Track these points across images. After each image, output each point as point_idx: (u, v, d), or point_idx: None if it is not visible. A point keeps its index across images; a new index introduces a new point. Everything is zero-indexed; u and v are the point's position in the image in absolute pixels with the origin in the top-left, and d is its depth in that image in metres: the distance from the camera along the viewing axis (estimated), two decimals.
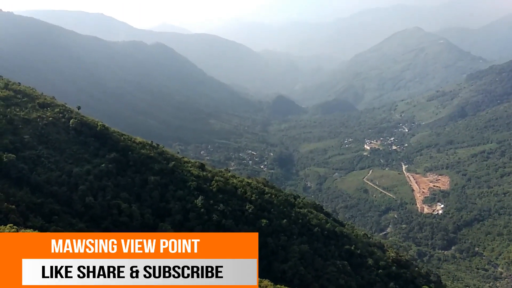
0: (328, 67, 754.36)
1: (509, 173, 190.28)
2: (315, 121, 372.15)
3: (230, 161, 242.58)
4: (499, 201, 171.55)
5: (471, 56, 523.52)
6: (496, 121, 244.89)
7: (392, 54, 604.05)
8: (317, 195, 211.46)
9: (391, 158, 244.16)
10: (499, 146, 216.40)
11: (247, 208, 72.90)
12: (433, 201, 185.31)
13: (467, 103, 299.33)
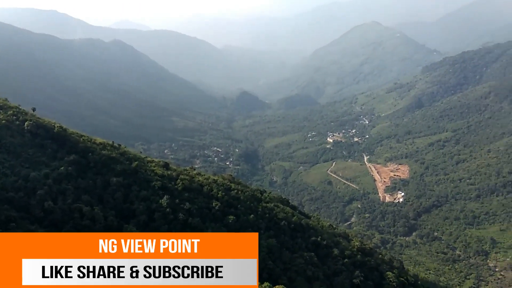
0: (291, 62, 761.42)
1: (464, 160, 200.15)
2: (279, 116, 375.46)
3: (195, 159, 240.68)
4: (455, 187, 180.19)
5: (426, 49, 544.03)
6: (450, 111, 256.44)
7: (352, 48, 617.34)
8: (283, 189, 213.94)
9: (353, 149, 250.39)
10: (454, 134, 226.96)
11: (213, 206, 72.78)
12: (394, 190, 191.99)
13: (423, 94, 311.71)
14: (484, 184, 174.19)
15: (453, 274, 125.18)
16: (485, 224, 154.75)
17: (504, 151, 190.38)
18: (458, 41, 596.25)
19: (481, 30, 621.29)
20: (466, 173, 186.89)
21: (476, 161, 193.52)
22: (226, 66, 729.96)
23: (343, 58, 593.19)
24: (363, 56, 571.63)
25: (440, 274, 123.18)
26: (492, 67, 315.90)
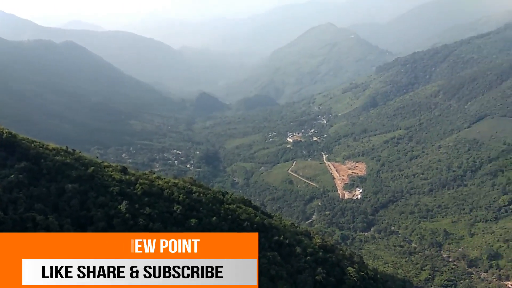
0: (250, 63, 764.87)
1: (417, 156, 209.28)
2: (239, 117, 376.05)
3: (154, 162, 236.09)
4: (410, 182, 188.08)
5: (379, 49, 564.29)
6: (403, 109, 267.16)
7: (309, 49, 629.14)
8: (245, 190, 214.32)
9: (313, 149, 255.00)
10: (407, 132, 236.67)
11: (175, 209, 71.62)
12: (352, 187, 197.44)
13: (378, 94, 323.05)
14: (436, 179, 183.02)
15: (410, 266, 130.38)
16: (438, 216, 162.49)
17: (453, 146, 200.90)
18: (409, 42, 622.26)
19: (430, 32, 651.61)
20: (419, 169, 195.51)
21: (428, 157, 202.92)
22: (184, 67, 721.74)
23: (301, 59, 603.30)
24: (320, 57, 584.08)
25: (397, 267, 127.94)
26: (440, 66, 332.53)
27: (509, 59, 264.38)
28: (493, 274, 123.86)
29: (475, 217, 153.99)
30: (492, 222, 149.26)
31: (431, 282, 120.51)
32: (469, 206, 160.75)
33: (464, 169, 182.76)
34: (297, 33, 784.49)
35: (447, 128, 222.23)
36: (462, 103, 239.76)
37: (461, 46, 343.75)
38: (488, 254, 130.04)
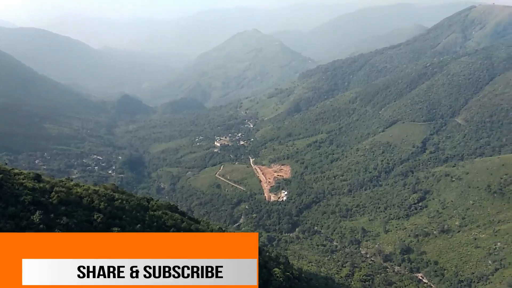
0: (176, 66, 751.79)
1: (337, 158, 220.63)
2: (165, 121, 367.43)
3: (72, 168, 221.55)
4: (331, 184, 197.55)
5: (302, 57, 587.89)
6: (324, 114, 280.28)
7: (235, 54, 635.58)
8: (172, 195, 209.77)
9: (240, 152, 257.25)
10: (328, 136, 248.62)
11: (95, 218, 67.71)
12: (278, 189, 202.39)
13: (301, 99, 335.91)
14: (354, 180, 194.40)
15: (331, 264, 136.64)
16: (357, 215, 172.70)
17: (369, 149, 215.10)
18: (329, 51, 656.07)
19: (348, 42, 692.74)
20: (340, 171, 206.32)
21: (347, 159, 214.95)
22: (105, 68, 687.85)
23: (228, 63, 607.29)
24: (246, 62, 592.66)
25: (320, 265, 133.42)
26: (357, 74, 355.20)
27: (417, 68, 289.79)
28: (406, 267, 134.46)
29: (389, 214, 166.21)
30: (404, 219, 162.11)
31: (351, 278, 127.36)
32: (384, 205, 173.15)
33: (379, 170, 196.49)
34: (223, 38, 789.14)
35: (364, 132, 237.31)
36: (376, 109, 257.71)
37: (376, 56, 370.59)
38: (401, 249, 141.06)
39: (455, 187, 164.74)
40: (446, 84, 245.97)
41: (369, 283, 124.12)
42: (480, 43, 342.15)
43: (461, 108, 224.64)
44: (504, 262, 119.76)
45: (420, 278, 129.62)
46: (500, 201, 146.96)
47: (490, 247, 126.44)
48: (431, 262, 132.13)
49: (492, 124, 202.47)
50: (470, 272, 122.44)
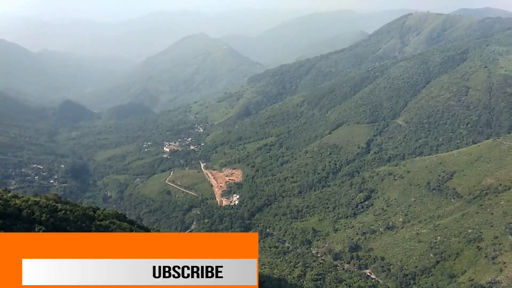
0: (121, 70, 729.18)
1: (287, 161, 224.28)
2: (111, 127, 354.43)
3: (9, 179, 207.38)
4: (282, 186, 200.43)
5: (250, 61, 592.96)
6: (273, 118, 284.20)
7: (183, 58, 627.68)
8: (119, 204, 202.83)
9: (190, 157, 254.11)
10: (278, 139, 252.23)
11: (36, 231, 63.91)
12: (230, 194, 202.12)
13: (250, 103, 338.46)
14: (304, 181, 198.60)
15: (284, 265, 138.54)
16: (307, 216, 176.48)
17: (317, 151, 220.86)
18: (277, 55, 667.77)
19: (294, 46, 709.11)
20: (290, 173, 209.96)
21: (296, 162, 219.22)
22: (44, 72, 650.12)
23: (176, 67, 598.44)
24: (194, 66, 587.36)
25: (273, 267, 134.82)
26: (304, 78, 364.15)
27: (360, 73, 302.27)
28: (354, 264, 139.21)
29: (337, 214, 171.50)
30: (351, 217, 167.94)
31: (303, 278, 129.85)
32: (333, 205, 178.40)
33: (327, 171, 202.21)
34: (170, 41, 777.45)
35: (312, 134, 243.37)
36: (323, 112, 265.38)
37: (321, 61, 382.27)
38: (349, 247, 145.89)
39: (398, 185, 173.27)
40: (387, 88, 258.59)
41: (321, 282, 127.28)
42: (416, 49, 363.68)
43: (401, 110, 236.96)
44: (444, 254, 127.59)
45: (368, 274, 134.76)
46: (439, 197, 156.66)
47: (431, 241, 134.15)
48: (378, 258, 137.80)
49: (430, 125, 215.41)
50: (414, 266, 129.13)
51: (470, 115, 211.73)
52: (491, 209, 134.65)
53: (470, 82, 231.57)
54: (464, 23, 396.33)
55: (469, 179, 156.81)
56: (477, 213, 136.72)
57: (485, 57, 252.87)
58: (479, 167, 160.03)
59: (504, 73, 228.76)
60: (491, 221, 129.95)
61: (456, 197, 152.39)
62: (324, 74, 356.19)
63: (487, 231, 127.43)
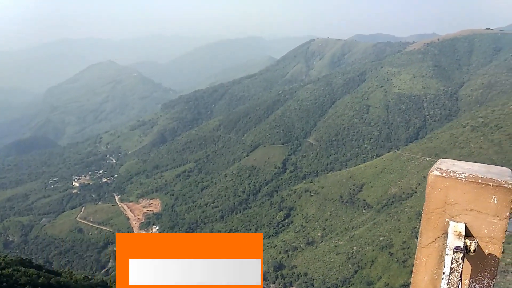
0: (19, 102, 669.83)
1: (207, 186, 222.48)
2: (10, 164, 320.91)
3: None
4: (203, 212, 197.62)
5: (163, 87, 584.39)
6: (191, 144, 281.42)
7: (91, 86, 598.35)
8: (23, 248, 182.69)
9: (103, 191, 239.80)
10: (196, 164, 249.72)
11: None
12: (148, 225, 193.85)
13: (166, 130, 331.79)
14: (225, 205, 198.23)
15: None
16: None
17: (236, 174, 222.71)
18: (190, 81, 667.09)
19: (207, 72, 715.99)
20: (210, 198, 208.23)
21: (217, 186, 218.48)
22: None
23: (83, 96, 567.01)
24: (103, 94, 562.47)
25: None
26: (219, 103, 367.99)
27: (271, 96, 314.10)
28: (280, 283, 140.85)
29: None
30: (274, 237, 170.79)
31: None
32: (255, 226, 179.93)
33: (247, 193, 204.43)
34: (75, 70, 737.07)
35: (230, 158, 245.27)
36: (239, 135, 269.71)
37: (234, 85, 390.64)
38: (274, 266, 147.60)
39: (314, 201, 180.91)
40: (297, 109, 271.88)
41: None
42: (321, 72, 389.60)
43: (312, 130, 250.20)
44: (361, 263, 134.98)
45: None
46: (351, 209, 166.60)
47: (349, 252, 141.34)
48: (301, 275, 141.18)
49: (338, 141, 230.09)
50: (335, 278, 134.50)
51: (372, 131, 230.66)
52: (398, 216, 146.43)
53: (369, 101, 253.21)
54: (360, 48, 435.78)
55: (376, 190, 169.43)
56: (386, 221, 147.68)
57: (380, 77, 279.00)
58: (384, 178, 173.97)
59: (398, 92, 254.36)
60: (399, 227, 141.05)
61: (366, 208, 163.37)
62: (238, 98, 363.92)
63: (396, 237, 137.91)
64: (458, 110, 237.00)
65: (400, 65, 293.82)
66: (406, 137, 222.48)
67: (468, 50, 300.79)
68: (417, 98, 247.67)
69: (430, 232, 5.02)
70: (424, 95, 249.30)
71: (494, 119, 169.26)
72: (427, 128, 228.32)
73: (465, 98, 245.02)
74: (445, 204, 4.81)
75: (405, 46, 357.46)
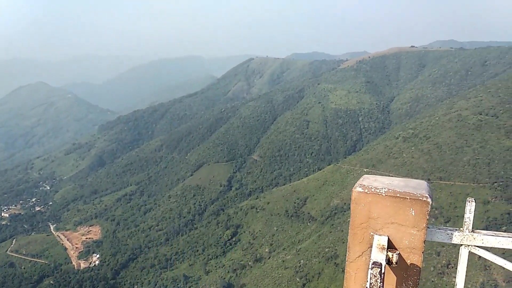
0: None
1: (150, 209, 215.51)
2: None
3: None
4: (147, 236, 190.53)
5: (99, 108, 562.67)
6: (131, 166, 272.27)
7: (20, 110, 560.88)
8: None
9: (36, 220, 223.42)
10: (138, 187, 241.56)
11: None
12: (88, 254, 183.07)
13: (104, 152, 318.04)
14: (170, 228, 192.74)
15: None
16: (177, 263, 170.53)
17: (181, 194, 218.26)
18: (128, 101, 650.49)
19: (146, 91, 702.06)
20: (154, 221, 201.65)
21: (160, 208, 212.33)
22: None
23: (10, 120, 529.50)
24: (34, 118, 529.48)
25: None
26: (160, 123, 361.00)
27: (214, 114, 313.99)
28: None
29: (207, 255, 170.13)
30: (221, 256, 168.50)
31: None
32: (202, 247, 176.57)
33: (193, 214, 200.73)
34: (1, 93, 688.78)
35: (174, 178, 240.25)
36: (183, 154, 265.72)
37: (175, 104, 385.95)
38: (222, 287, 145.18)
39: (260, 217, 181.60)
40: (240, 126, 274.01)
41: None
42: (261, 89, 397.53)
43: (255, 146, 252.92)
44: (308, 276, 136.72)
45: None
46: (297, 222, 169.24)
47: (296, 266, 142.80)
48: None
49: (281, 157, 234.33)
50: None
51: (313, 145, 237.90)
52: (341, 227, 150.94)
53: (309, 116, 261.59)
54: (298, 66, 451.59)
55: (320, 202, 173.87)
56: (330, 232, 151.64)
57: (318, 94, 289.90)
58: (326, 190, 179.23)
59: (335, 107, 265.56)
60: (342, 238, 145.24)
61: (311, 220, 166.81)
62: (180, 118, 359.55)
63: (340, 247, 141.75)
64: (390, 123, 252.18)
65: (335, 81, 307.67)
66: (344, 150, 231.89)
67: (396, 66, 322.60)
68: (353, 113, 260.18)
69: (357, 247, 5.12)
70: (359, 109, 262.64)
71: (422, 130, 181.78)
72: (363, 140, 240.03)
73: (396, 111, 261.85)
74: (369, 219, 4.96)
75: (339, 63, 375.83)
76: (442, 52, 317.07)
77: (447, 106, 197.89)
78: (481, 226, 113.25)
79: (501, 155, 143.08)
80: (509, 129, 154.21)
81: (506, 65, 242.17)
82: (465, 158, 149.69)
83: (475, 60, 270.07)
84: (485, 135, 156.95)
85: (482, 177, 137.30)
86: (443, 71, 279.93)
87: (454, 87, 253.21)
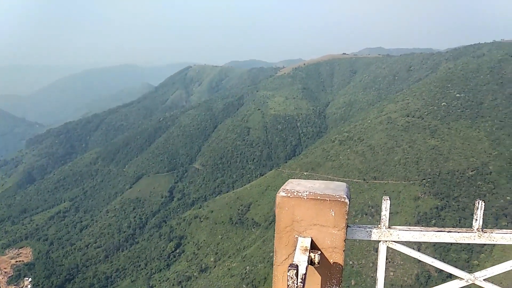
0: None
1: (87, 225, 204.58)
2: None
3: None
4: (84, 255, 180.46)
5: (26, 122, 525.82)
6: (64, 181, 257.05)
7: None
8: None
9: None
10: (72, 203, 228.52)
11: None
12: (19, 278, 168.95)
13: (33, 168, 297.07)
14: (109, 244, 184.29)
15: None
16: (118, 281, 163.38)
17: (120, 208, 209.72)
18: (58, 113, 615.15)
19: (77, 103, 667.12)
20: (92, 238, 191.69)
21: (98, 224, 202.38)
22: None
23: None
24: None
25: None
26: (94, 134, 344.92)
27: (152, 124, 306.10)
28: None
29: (150, 270, 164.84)
30: (165, 269, 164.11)
31: None
32: (144, 261, 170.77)
33: (133, 228, 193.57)
34: None
35: (111, 192, 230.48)
36: (120, 166, 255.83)
37: (110, 115, 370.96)
38: None
39: (204, 227, 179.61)
40: (180, 135, 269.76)
41: None
42: (201, 97, 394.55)
43: (197, 155, 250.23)
44: (254, 282, 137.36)
45: None
46: (241, 229, 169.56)
47: (242, 273, 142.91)
48: None
49: (223, 164, 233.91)
50: None
51: (254, 151, 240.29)
52: None
53: (249, 123, 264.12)
54: (236, 73, 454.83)
55: (263, 208, 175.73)
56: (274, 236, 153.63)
57: (257, 101, 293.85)
58: (269, 195, 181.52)
59: (274, 113, 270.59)
60: None
61: (255, 226, 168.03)
62: (116, 128, 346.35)
63: None
64: (326, 127, 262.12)
65: (273, 88, 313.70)
66: (285, 155, 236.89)
67: (330, 73, 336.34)
68: (291, 118, 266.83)
69: (283, 250, 5.32)
70: (297, 115, 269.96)
71: (356, 133, 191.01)
72: (302, 145, 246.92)
73: (331, 116, 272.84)
74: (293, 222, 5.14)
75: (276, 71, 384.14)
76: (371, 59, 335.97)
77: (377, 109, 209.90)
78: (413, 221, 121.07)
79: (427, 154, 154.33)
80: (433, 129, 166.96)
81: (428, 70, 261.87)
82: (396, 158, 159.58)
83: (401, 66, 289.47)
84: (412, 135, 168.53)
85: (412, 175, 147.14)
86: (373, 76, 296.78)
87: (383, 91, 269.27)
